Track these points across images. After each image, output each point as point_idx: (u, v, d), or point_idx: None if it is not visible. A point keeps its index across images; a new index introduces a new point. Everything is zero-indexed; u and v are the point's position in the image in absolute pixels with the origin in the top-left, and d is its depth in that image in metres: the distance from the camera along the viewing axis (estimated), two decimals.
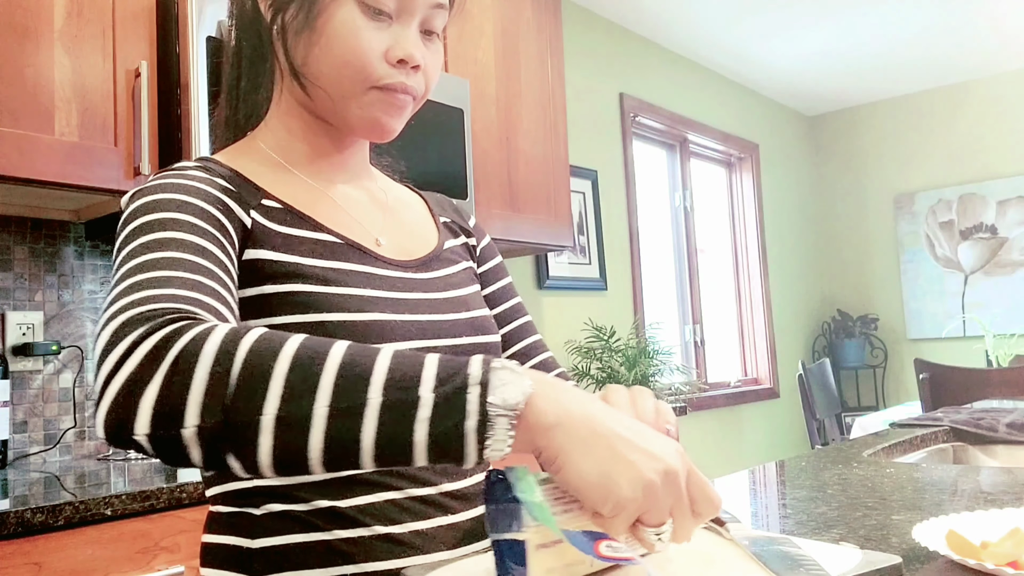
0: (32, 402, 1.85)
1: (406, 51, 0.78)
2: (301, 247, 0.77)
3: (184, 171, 0.76)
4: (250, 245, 0.75)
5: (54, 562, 1.24)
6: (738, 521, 0.71)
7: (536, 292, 3.31)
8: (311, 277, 0.75)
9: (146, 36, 1.72)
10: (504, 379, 0.51)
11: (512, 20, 2.72)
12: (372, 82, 0.78)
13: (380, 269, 0.82)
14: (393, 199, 0.92)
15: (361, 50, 0.77)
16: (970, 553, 0.63)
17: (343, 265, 0.78)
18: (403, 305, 0.80)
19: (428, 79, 0.82)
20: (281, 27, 0.80)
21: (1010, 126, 5.00)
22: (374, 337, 0.75)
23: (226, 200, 0.75)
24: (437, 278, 0.87)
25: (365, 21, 0.77)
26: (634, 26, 4.03)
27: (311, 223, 0.80)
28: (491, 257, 1.00)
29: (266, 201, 0.79)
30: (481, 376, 0.51)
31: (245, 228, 0.75)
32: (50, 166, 1.55)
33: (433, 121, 2.23)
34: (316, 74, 0.79)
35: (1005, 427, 1.52)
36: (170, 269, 0.62)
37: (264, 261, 0.74)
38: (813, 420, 4.22)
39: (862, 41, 4.41)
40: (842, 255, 5.59)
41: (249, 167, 0.82)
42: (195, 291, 0.60)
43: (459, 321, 0.84)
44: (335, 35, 0.77)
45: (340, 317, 0.74)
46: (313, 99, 0.81)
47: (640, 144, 4.16)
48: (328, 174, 0.86)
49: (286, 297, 0.74)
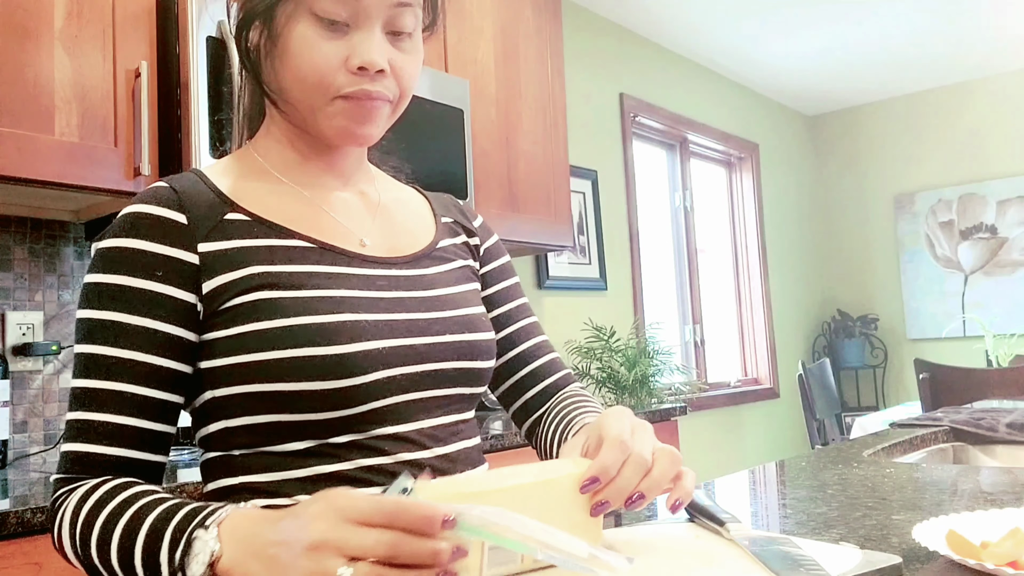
0: (32, 402, 1.85)
1: (364, 58, 0.78)
2: (268, 255, 0.79)
3: (137, 222, 0.78)
4: (204, 277, 0.77)
5: (54, 562, 1.24)
6: (738, 521, 0.71)
7: (536, 292, 3.31)
8: (277, 284, 0.77)
9: (146, 36, 1.72)
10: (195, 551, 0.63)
11: (512, 20, 2.72)
12: (333, 93, 0.79)
13: (360, 269, 0.82)
14: (389, 199, 0.93)
15: (318, 63, 0.78)
16: (970, 553, 0.63)
17: (312, 268, 0.80)
18: (380, 304, 0.81)
19: (402, 80, 0.82)
20: (246, 49, 0.83)
21: (1010, 126, 5.00)
22: (345, 338, 0.76)
23: (170, 254, 0.77)
24: (423, 275, 0.87)
25: (321, 33, 0.78)
26: (634, 26, 4.03)
27: (281, 231, 0.81)
28: (496, 257, 1.00)
29: (233, 215, 0.81)
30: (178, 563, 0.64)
31: (193, 267, 0.77)
32: (50, 166, 1.55)
33: (433, 121, 2.23)
34: (283, 90, 0.81)
35: (1005, 427, 1.52)
36: (96, 411, 0.76)
37: (223, 285, 0.77)
38: (813, 420, 4.23)
39: (862, 41, 4.41)
40: (842, 255, 5.59)
41: (238, 178, 0.84)
42: (103, 444, 0.75)
43: (443, 319, 0.84)
44: (294, 51, 0.78)
45: (308, 320, 0.76)
46: (287, 113, 0.84)
47: (640, 144, 4.16)
48: (317, 179, 0.87)
49: (254, 305, 0.76)
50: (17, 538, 1.21)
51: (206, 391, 0.78)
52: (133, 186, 1.66)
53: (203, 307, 0.77)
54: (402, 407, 0.80)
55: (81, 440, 0.75)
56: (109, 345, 0.75)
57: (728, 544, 0.68)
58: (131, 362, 0.75)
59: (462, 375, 0.85)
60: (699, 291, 4.43)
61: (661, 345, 3.14)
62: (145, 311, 0.76)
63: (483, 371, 0.88)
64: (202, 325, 0.78)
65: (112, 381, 0.75)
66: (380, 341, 0.78)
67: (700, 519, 0.76)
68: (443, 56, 2.43)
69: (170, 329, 0.76)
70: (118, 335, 0.75)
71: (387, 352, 0.79)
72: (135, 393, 0.75)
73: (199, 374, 0.78)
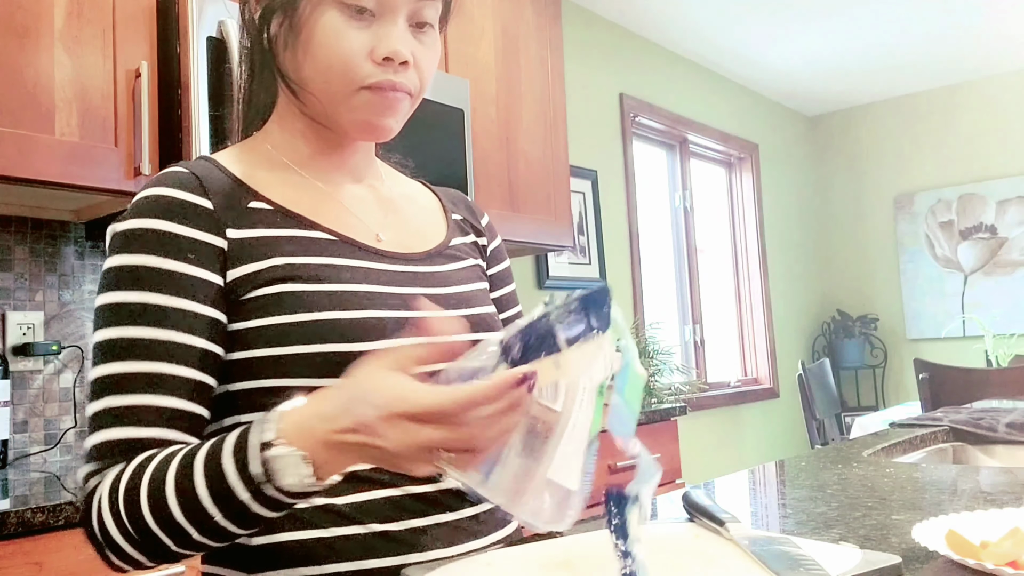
0: (32, 402, 1.85)
1: (390, 48, 0.77)
2: (291, 246, 0.78)
3: (163, 204, 0.75)
4: (231, 265, 0.76)
5: (54, 562, 1.24)
6: (738, 521, 0.71)
7: (536, 292, 3.31)
8: (301, 276, 0.76)
9: (146, 36, 1.72)
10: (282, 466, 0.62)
11: (512, 20, 2.72)
12: (359, 83, 0.78)
13: (379, 264, 0.82)
14: (400, 196, 0.92)
15: (344, 52, 0.77)
16: (970, 553, 0.63)
17: (336, 261, 0.79)
18: (401, 301, 0.80)
19: (422, 73, 0.82)
20: (269, 37, 0.81)
21: (1010, 126, 5.00)
22: (371, 334, 0.75)
23: (199, 238, 0.75)
24: (439, 273, 0.87)
25: (347, 22, 0.77)
26: (634, 26, 4.03)
27: (304, 222, 0.80)
28: (500, 260, 1.00)
29: (256, 204, 0.79)
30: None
31: (222, 252, 0.76)
32: (50, 166, 1.55)
33: (433, 121, 2.23)
34: (305, 80, 0.80)
35: (1005, 427, 1.53)
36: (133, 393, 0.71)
37: (248, 275, 0.75)
38: (813, 420, 4.23)
39: (862, 41, 4.41)
40: (842, 255, 5.59)
41: (251, 167, 0.83)
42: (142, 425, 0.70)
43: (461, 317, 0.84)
44: (318, 41, 0.77)
45: (331, 316, 0.75)
46: (306, 104, 0.82)
47: (640, 144, 4.16)
48: (330, 173, 0.86)
49: (278, 298, 0.75)
50: (17, 538, 1.21)
51: (220, 385, 0.77)
52: (133, 186, 1.66)
53: (226, 294, 0.75)
54: None
55: (119, 425, 0.70)
56: (150, 326, 0.71)
57: (728, 544, 0.68)
58: (176, 344, 0.71)
59: None
60: (699, 291, 4.43)
61: (661, 345, 3.14)
62: (184, 293, 0.73)
63: None
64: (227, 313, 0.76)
65: (156, 362, 0.71)
66: (404, 339, 0.78)
67: (700, 519, 0.76)
68: (443, 56, 2.43)
69: (210, 312, 0.74)
70: (159, 317, 0.71)
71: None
72: (177, 374, 0.71)
73: None
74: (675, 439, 2.80)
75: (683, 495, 0.81)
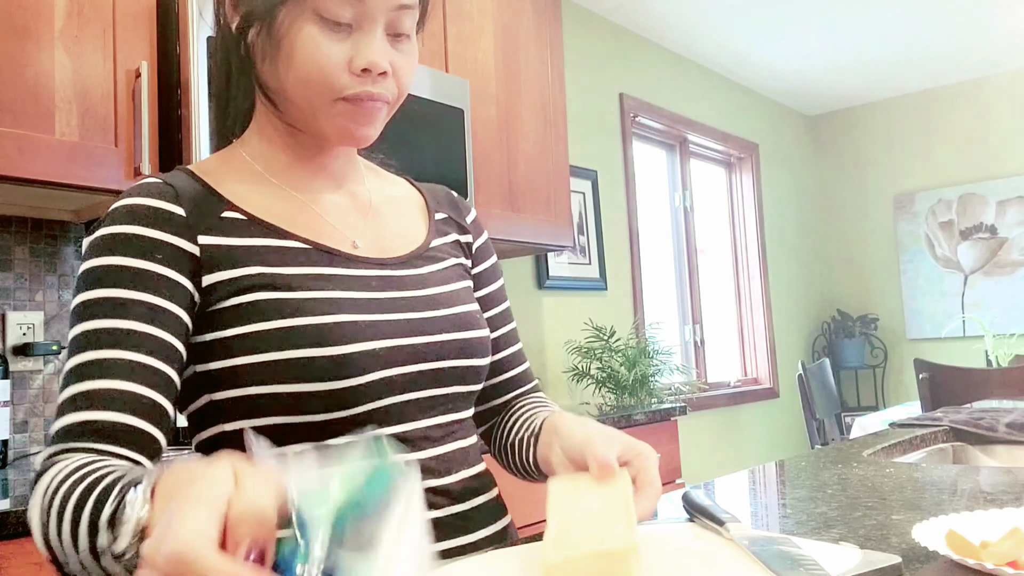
0: (32, 402, 1.85)
1: (368, 60, 0.78)
2: (266, 256, 0.79)
3: (135, 211, 0.77)
4: (204, 271, 0.77)
5: None
6: (738, 521, 0.71)
7: (536, 292, 3.31)
8: (275, 285, 0.77)
9: (146, 36, 1.72)
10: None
11: (512, 20, 2.72)
12: (337, 94, 0.78)
13: (354, 270, 0.82)
14: (381, 200, 0.92)
15: (322, 64, 0.77)
16: (970, 553, 0.63)
17: (311, 270, 0.80)
18: (375, 305, 0.81)
19: (400, 82, 0.82)
20: (247, 47, 0.82)
21: (1010, 126, 5.00)
22: (343, 339, 0.76)
23: (170, 241, 0.76)
24: (417, 275, 0.87)
25: (325, 34, 0.77)
26: (634, 26, 4.03)
27: (279, 232, 0.81)
28: (486, 258, 1.00)
29: (230, 213, 0.80)
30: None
31: (194, 257, 0.77)
32: (50, 166, 1.55)
33: (433, 121, 2.23)
34: (283, 90, 0.80)
35: (1005, 427, 1.53)
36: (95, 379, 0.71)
37: (222, 281, 0.77)
38: (813, 420, 4.23)
39: (862, 41, 4.41)
40: (842, 255, 5.59)
41: (227, 178, 0.84)
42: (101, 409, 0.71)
43: (437, 318, 0.84)
44: (297, 52, 0.78)
45: (306, 321, 0.75)
46: (284, 113, 0.83)
47: (640, 144, 4.16)
48: (308, 181, 0.87)
49: (252, 307, 0.76)
50: (17, 538, 1.21)
51: (203, 395, 0.78)
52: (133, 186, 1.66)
53: (200, 300, 0.77)
54: (400, 407, 0.80)
55: (77, 411, 0.70)
56: (110, 318, 0.73)
57: (728, 544, 0.68)
58: (135, 332, 0.72)
59: (458, 373, 0.85)
60: (699, 291, 4.43)
61: (661, 345, 3.15)
62: (145, 288, 0.74)
63: (479, 368, 0.88)
64: (198, 320, 0.77)
65: (115, 350, 0.72)
66: (377, 342, 0.78)
67: (700, 519, 0.76)
68: (443, 56, 2.43)
69: (171, 307, 0.75)
70: (119, 309, 0.73)
71: (385, 352, 0.79)
72: (140, 361, 0.72)
73: (197, 377, 0.78)
74: (675, 439, 2.80)
75: (683, 495, 0.81)
